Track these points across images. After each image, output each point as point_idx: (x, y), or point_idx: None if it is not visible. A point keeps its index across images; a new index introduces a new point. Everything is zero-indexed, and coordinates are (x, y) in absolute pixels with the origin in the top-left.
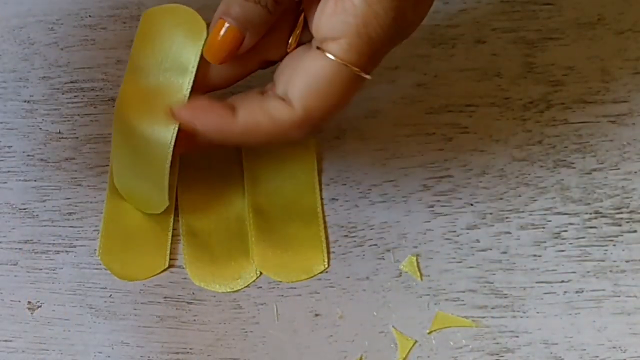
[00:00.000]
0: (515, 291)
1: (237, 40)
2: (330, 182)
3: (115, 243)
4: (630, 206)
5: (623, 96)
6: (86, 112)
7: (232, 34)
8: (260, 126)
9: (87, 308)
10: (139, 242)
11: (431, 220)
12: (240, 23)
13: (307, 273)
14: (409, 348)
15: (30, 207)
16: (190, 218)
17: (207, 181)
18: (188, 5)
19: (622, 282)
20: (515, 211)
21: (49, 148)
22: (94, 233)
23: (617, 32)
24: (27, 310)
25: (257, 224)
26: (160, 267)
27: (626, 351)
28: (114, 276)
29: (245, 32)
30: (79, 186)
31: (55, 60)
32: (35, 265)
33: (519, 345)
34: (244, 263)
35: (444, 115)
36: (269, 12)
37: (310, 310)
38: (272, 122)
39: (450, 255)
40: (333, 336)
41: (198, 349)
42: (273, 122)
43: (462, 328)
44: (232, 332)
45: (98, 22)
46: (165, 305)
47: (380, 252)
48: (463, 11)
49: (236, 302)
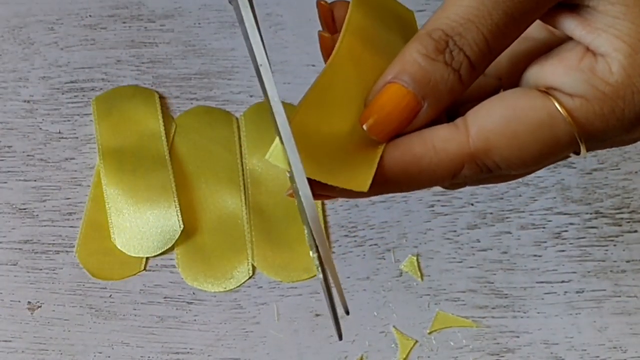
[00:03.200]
0: (515, 291)
1: (409, 111)
2: None
3: (94, 242)
4: (631, 206)
5: None
6: (86, 112)
7: (405, 101)
8: (419, 161)
9: (87, 308)
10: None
11: (431, 220)
12: (418, 88)
13: (307, 273)
14: (409, 348)
15: (30, 207)
16: (183, 217)
17: (201, 180)
18: (188, 5)
19: (623, 282)
20: (515, 211)
21: (49, 148)
22: None
23: None
24: (27, 310)
25: (257, 224)
26: (136, 269)
27: (627, 351)
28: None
29: (424, 101)
30: (79, 186)
31: (55, 60)
32: (35, 265)
33: (519, 346)
34: (236, 262)
35: None
36: (460, 80)
37: (310, 310)
38: (435, 154)
39: (451, 255)
40: (333, 336)
41: (198, 349)
42: (436, 153)
43: (463, 328)
44: (232, 332)
45: (98, 22)
46: (165, 306)
47: (381, 252)
48: None
49: (236, 302)
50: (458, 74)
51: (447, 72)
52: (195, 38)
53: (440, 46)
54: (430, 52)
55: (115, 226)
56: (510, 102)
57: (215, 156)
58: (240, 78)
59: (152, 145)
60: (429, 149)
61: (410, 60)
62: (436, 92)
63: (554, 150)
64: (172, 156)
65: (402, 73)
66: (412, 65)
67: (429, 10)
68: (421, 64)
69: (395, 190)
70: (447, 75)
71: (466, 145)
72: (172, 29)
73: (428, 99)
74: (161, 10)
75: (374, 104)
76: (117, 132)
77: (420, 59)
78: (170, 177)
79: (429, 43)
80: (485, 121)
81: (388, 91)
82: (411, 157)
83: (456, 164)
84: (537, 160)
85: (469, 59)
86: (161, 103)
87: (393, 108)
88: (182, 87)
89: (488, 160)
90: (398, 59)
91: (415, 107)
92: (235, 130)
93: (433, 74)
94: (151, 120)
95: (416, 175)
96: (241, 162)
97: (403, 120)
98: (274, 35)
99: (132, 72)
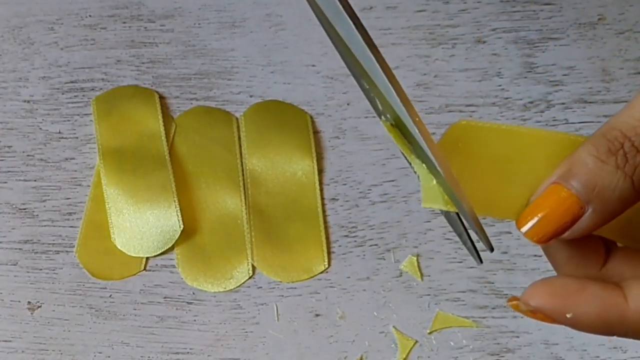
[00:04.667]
0: (516, 291)
1: (570, 215)
2: (330, 182)
3: (94, 242)
4: None
5: (624, 96)
6: (86, 112)
7: (567, 205)
8: None
9: (87, 308)
10: None
11: (431, 220)
12: (583, 191)
13: (307, 273)
14: (409, 348)
15: (30, 207)
16: (183, 217)
17: (201, 180)
18: (188, 5)
19: None
20: None
21: (49, 148)
22: None
23: (617, 32)
24: (27, 310)
25: (257, 224)
26: (136, 269)
27: (627, 351)
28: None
29: (587, 206)
30: (79, 186)
31: (55, 60)
32: (35, 265)
33: (519, 346)
34: (236, 262)
35: (444, 115)
36: (633, 187)
37: (310, 311)
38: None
39: (451, 255)
40: (333, 336)
41: (198, 349)
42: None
43: (463, 328)
44: (232, 332)
45: (98, 22)
46: (165, 306)
47: (381, 252)
48: (463, 11)
49: (236, 302)
50: (631, 180)
51: (617, 177)
52: (195, 38)
53: (613, 147)
54: (601, 154)
55: (115, 226)
56: None
57: (215, 156)
58: (240, 78)
59: (152, 145)
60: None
61: (578, 161)
62: (602, 198)
63: None
64: (172, 156)
65: (568, 174)
66: (580, 167)
67: (429, 10)
68: (589, 166)
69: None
70: (616, 180)
71: None
72: (172, 29)
73: (592, 204)
74: (161, 10)
75: (535, 205)
76: (117, 132)
77: (589, 160)
78: (170, 177)
79: (602, 144)
80: None
81: (551, 192)
82: (610, 312)
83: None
84: None
85: None
86: (161, 103)
87: (553, 210)
88: (182, 87)
89: None
90: (567, 159)
91: (577, 212)
92: (235, 131)
93: (600, 177)
94: (151, 120)
95: (609, 325)
96: (241, 162)
97: (562, 224)
98: (274, 35)
99: (132, 72)
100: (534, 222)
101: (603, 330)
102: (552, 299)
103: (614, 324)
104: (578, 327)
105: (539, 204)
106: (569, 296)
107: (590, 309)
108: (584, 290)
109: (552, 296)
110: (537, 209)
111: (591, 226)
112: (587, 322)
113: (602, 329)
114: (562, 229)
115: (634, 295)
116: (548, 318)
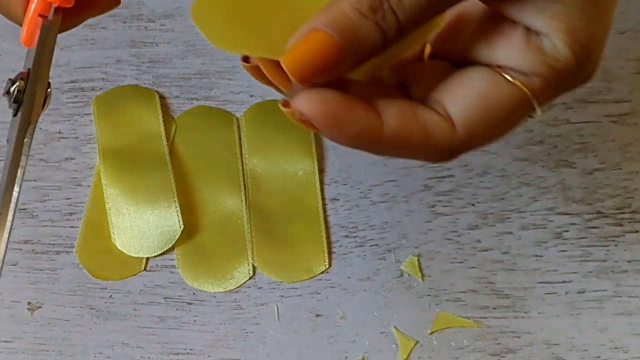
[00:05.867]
0: (516, 291)
1: (331, 59)
2: (330, 182)
3: (94, 242)
4: (632, 206)
5: (625, 96)
6: (86, 112)
7: (328, 49)
8: (411, 140)
9: (87, 308)
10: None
11: (432, 220)
12: (343, 40)
13: (308, 273)
14: (410, 348)
15: (30, 207)
16: (184, 217)
17: (201, 180)
18: (188, 5)
19: (624, 283)
20: (516, 211)
21: (49, 148)
22: None
23: (618, 31)
24: (27, 310)
25: (258, 224)
26: (136, 270)
27: (628, 352)
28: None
29: (346, 54)
30: (79, 186)
31: (55, 60)
32: (35, 266)
33: (520, 346)
34: (237, 263)
35: None
36: (385, 38)
37: (311, 311)
38: (426, 139)
39: (452, 255)
40: (334, 337)
41: (198, 349)
42: (427, 138)
43: (464, 328)
44: (232, 333)
45: (98, 22)
46: (165, 306)
47: (381, 253)
48: None
49: (237, 303)
50: (384, 35)
51: (375, 31)
52: (196, 38)
53: (375, 4)
54: (363, 8)
55: (115, 226)
56: (482, 91)
57: (215, 156)
58: (241, 78)
59: (152, 145)
60: (422, 128)
61: (341, 12)
62: (360, 48)
63: (518, 125)
64: (172, 156)
65: (331, 22)
66: (343, 18)
67: None
68: (352, 18)
69: (383, 154)
70: (374, 34)
71: (453, 136)
72: (172, 29)
73: (349, 52)
74: (161, 10)
75: (298, 47)
76: (117, 132)
77: (352, 13)
78: (170, 177)
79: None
80: (467, 113)
81: (313, 37)
82: (406, 132)
83: (441, 151)
84: (503, 137)
85: (400, 23)
86: (161, 103)
87: (316, 55)
88: (182, 87)
89: (468, 148)
90: (330, 7)
91: (336, 59)
92: (236, 130)
93: (361, 30)
94: (151, 120)
95: (404, 148)
96: (241, 162)
97: (323, 68)
98: None
99: (132, 72)
100: (300, 62)
101: (358, 147)
102: (325, 116)
103: (370, 144)
104: (336, 141)
105: (305, 47)
106: (339, 115)
107: (352, 130)
108: (352, 111)
109: (325, 113)
110: (303, 52)
111: (343, 71)
112: (345, 139)
113: (358, 146)
114: (321, 72)
115: (387, 116)
116: (314, 128)
